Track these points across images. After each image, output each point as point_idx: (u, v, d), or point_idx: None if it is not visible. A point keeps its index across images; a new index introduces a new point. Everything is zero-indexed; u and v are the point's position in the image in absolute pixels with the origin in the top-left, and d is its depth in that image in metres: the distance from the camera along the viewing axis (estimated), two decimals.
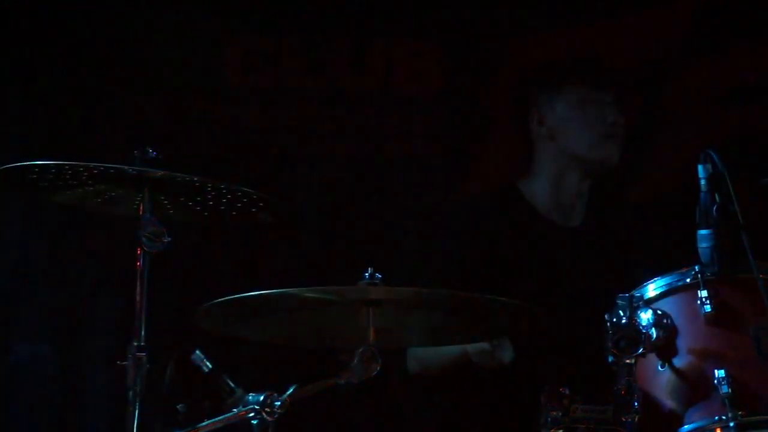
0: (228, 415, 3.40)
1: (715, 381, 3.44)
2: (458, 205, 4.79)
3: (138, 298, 3.45)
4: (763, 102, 5.20)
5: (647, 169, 4.93)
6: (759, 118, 5.20)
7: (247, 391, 3.43)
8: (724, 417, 3.39)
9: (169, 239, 3.47)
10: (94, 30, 4.99)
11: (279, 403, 3.38)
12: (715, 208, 3.59)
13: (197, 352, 3.48)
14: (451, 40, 5.14)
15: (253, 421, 3.37)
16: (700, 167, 3.63)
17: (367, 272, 3.44)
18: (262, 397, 3.39)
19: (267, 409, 3.37)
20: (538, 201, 4.51)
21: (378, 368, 3.43)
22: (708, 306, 3.53)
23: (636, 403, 3.48)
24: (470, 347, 4.04)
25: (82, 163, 3.44)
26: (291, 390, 3.41)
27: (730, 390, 3.41)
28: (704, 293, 3.54)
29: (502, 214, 4.49)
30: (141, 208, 3.49)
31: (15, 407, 4.85)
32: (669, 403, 3.52)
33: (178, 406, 3.46)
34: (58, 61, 4.98)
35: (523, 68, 4.82)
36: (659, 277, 3.64)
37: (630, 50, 4.98)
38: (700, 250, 3.60)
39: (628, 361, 3.50)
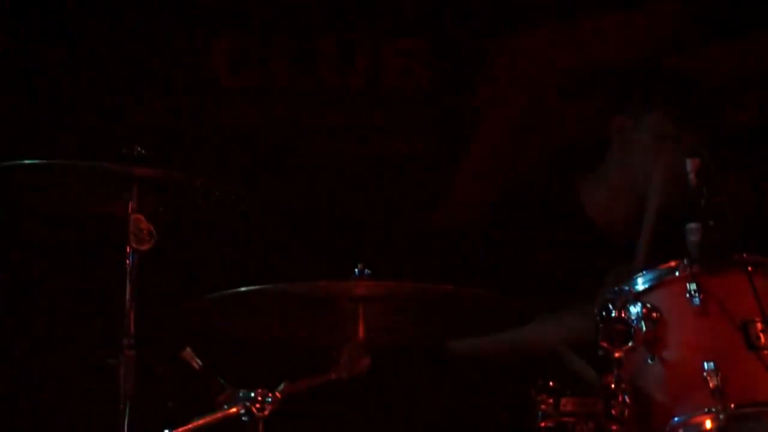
0: (218, 412, 3.40)
1: (705, 373, 3.44)
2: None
3: (127, 296, 3.46)
4: (753, 96, 5.20)
5: None
6: (746, 113, 5.20)
7: (238, 388, 3.43)
8: (713, 409, 3.40)
9: (158, 237, 3.47)
10: (80, 30, 4.99)
11: (269, 399, 3.38)
12: (703, 201, 3.60)
13: (188, 349, 3.48)
14: (438, 37, 5.14)
15: (243, 418, 3.38)
16: (688, 161, 3.64)
17: (357, 268, 3.44)
18: (252, 394, 3.39)
19: (257, 406, 3.37)
20: (588, 200, 4.42)
21: (368, 365, 3.44)
22: (697, 299, 3.53)
23: (625, 397, 3.49)
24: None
25: (69, 162, 3.45)
26: (281, 386, 3.41)
27: (719, 382, 3.42)
28: (693, 286, 3.54)
29: (531, 205, 4.42)
30: (129, 206, 3.50)
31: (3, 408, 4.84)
32: (658, 396, 3.53)
33: (168, 404, 3.46)
34: (45, 60, 4.97)
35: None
36: (648, 271, 3.65)
37: (616, 48, 4.97)
38: (688, 244, 3.61)
39: (617, 354, 3.51)
